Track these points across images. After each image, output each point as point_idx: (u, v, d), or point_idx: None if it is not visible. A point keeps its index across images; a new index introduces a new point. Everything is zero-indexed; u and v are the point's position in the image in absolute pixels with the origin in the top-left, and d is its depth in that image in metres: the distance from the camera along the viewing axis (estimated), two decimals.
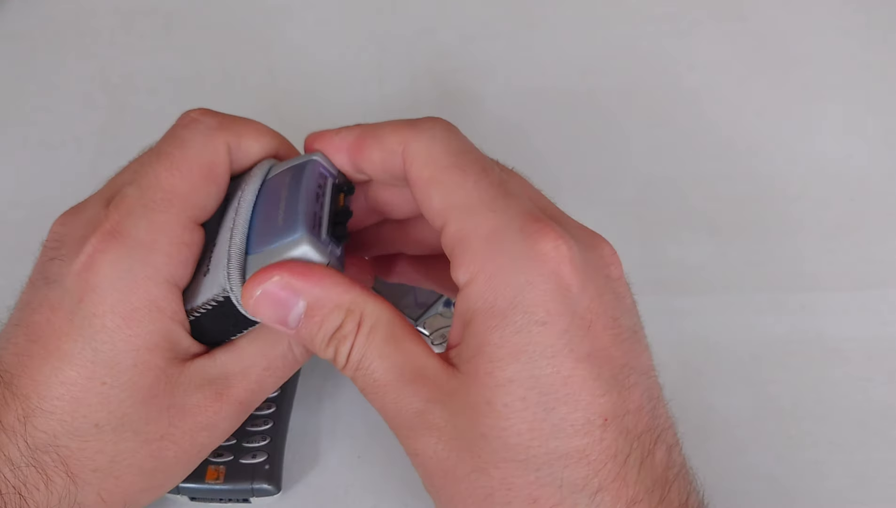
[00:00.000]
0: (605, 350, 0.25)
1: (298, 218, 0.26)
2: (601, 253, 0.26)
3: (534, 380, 0.24)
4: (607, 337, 0.25)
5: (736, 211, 0.44)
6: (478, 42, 0.51)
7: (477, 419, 0.24)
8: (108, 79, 0.49)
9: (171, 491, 0.34)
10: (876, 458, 0.36)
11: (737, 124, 0.47)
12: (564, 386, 0.24)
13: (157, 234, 0.26)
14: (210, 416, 0.27)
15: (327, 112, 0.48)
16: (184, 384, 0.27)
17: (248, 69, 0.50)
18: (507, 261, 0.25)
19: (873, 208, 0.44)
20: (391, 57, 0.50)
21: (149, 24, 0.52)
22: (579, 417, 0.24)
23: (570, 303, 0.24)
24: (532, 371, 0.24)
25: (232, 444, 0.35)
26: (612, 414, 0.24)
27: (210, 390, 0.27)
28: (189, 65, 0.50)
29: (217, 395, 0.27)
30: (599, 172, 0.45)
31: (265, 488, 0.34)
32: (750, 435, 0.37)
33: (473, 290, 0.25)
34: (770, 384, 0.38)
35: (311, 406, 0.38)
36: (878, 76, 0.49)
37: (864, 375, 0.38)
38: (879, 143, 0.46)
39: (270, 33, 0.52)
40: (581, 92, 0.49)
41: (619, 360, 0.25)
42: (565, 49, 0.50)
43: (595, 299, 0.25)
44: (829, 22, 0.51)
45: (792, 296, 0.41)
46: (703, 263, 0.42)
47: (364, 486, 0.36)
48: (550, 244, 0.24)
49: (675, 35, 0.51)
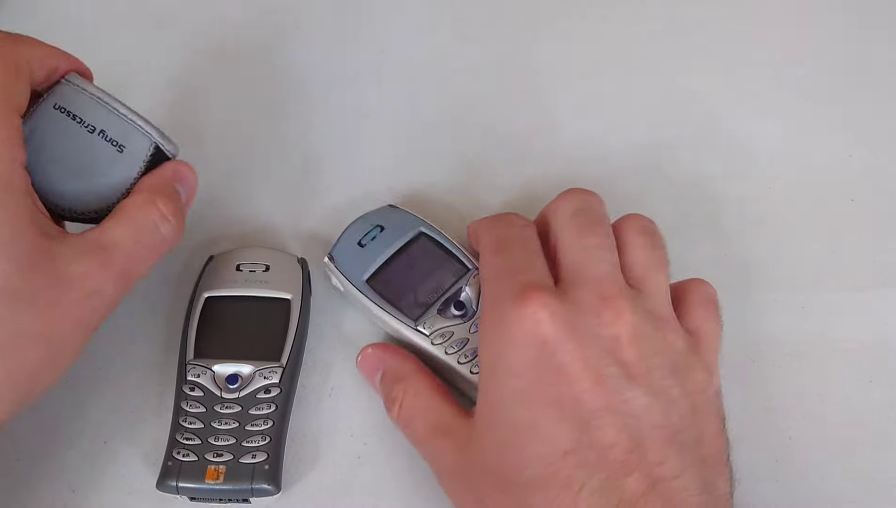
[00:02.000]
0: (575, 395, 0.29)
1: None
2: (599, 317, 0.30)
3: (511, 424, 0.30)
4: (582, 385, 0.29)
5: (736, 211, 0.44)
6: (478, 42, 0.51)
7: (479, 459, 0.31)
8: (109, 79, 0.49)
9: (171, 492, 0.34)
10: (876, 458, 0.36)
11: (737, 124, 0.47)
12: (533, 428, 0.29)
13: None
14: (96, 282, 0.30)
15: (327, 112, 0.48)
16: (66, 255, 0.30)
17: (246, 69, 0.50)
18: (498, 324, 0.31)
19: (873, 208, 0.44)
20: (391, 57, 0.50)
21: (148, 24, 0.52)
22: (543, 452, 0.29)
23: (545, 355, 0.29)
24: (509, 416, 0.30)
25: (232, 444, 0.35)
26: (571, 449, 0.28)
27: (92, 258, 0.31)
28: (186, 64, 0.50)
29: (100, 264, 0.31)
30: (600, 173, 0.45)
31: (265, 488, 0.34)
32: (750, 435, 0.37)
33: (481, 348, 0.33)
34: (770, 384, 0.38)
35: (311, 406, 0.38)
36: (878, 76, 0.49)
37: (864, 375, 0.38)
38: (879, 143, 0.46)
39: (270, 33, 0.52)
40: (580, 92, 0.49)
41: (594, 404, 0.29)
42: (565, 50, 0.50)
43: (572, 352, 0.29)
44: (830, 22, 0.51)
45: (792, 296, 0.41)
46: (703, 263, 0.42)
47: (364, 486, 0.36)
48: (532, 308, 0.30)
49: (674, 34, 0.51)
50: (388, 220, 0.40)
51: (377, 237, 0.39)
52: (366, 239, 0.39)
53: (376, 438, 0.37)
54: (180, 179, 0.35)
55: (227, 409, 0.35)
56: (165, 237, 0.34)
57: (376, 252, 0.38)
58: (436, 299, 0.37)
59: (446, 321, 0.37)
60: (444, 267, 0.38)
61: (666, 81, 0.49)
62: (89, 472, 0.36)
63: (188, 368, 0.36)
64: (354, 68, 0.50)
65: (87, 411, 0.38)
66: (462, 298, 0.37)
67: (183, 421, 0.35)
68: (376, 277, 0.38)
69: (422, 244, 0.39)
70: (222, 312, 0.38)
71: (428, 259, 0.39)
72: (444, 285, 0.38)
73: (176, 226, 0.34)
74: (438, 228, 0.40)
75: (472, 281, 0.38)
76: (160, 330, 0.40)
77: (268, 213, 0.44)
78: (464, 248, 0.39)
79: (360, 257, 0.38)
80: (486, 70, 0.50)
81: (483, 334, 0.33)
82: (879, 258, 0.42)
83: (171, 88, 0.49)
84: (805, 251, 0.42)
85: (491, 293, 0.33)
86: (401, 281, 0.38)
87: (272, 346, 0.37)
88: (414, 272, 0.38)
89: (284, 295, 0.38)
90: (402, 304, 0.37)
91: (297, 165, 0.46)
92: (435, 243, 0.39)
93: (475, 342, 0.36)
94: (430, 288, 0.38)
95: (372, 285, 0.38)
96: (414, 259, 0.39)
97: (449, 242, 0.39)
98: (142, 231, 0.33)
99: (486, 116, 0.48)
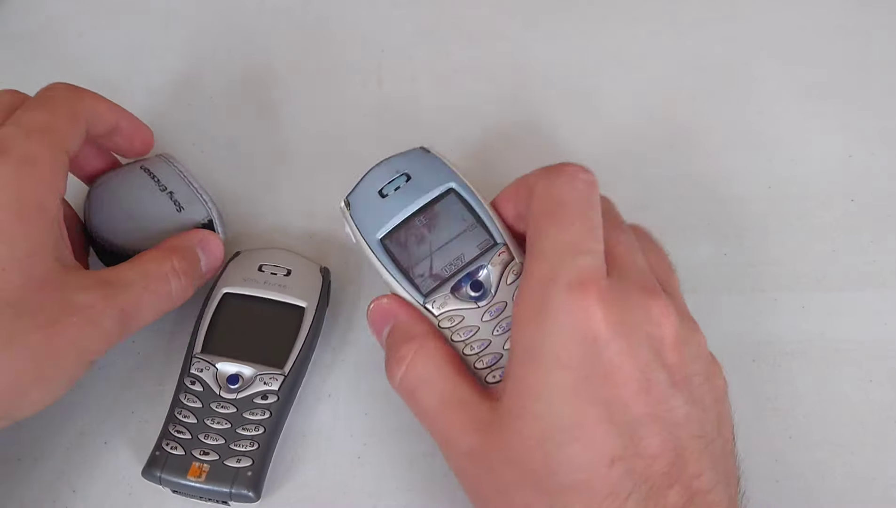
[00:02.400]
0: (623, 399, 0.27)
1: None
2: (649, 314, 0.29)
3: (553, 418, 0.28)
4: (631, 388, 0.28)
5: (736, 211, 0.44)
6: (478, 42, 0.51)
7: (505, 447, 0.28)
8: (108, 79, 0.49)
9: (154, 481, 0.34)
10: (876, 458, 0.36)
11: (737, 124, 0.47)
12: (577, 427, 0.27)
13: (39, 151, 0.31)
14: (97, 314, 0.31)
15: (327, 112, 0.48)
16: (74, 285, 0.31)
17: (246, 70, 0.50)
18: (545, 306, 0.28)
19: (873, 208, 0.44)
20: (391, 57, 0.50)
21: (148, 24, 0.52)
22: (587, 454, 0.27)
23: (595, 352, 0.28)
24: (552, 410, 0.28)
25: (220, 444, 0.35)
26: (619, 456, 0.27)
27: (98, 292, 0.32)
28: (188, 64, 0.50)
29: (104, 297, 0.32)
30: (599, 173, 0.45)
31: (245, 494, 0.34)
32: (750, 435, 0.37)
33: (517, 328, 0.30)
34: (770, 384, 0.38)
35: (311, 406, 0.38)
36: (878, 76, 0.49)
37: (864, 375, 0.38)
38: (879, 143, 0.46)
39: (270, 34, 0.52)
40: (580, 92, 0.49)
41: (640, 410, 0.27)
42: (565, 50, 0.50)
43: (623, 353, 0.28)
44: (830, 21, 0.51)
45: (792, 296, 0.41)
46: (703, 263, 0.42)
47: (364, 486, 0.36)
48: (588, 302, 0.28)
49: (674, 35, 0.51)
50: (416, 167, 0.35)
51: (401, 188, 0.35)
52: (388, 188, 0.35)
53: (376, 438, 0.37)
54: (204, 246, 0.37)
55: (223, 409, 0.35)
56: (172, 293, 0.35)
57: (397, 207, 0.34)
58: (453, 274, 0.33)
59: (459, 302, 0.33)
60: (468, 236, 0.34)
61: (666, 80, 0.49)
62: (90, 472, 0.36)
63: (193, 361, 0.36)
64: (354, 68, 0.50)
65: (87, 411, 0.38)
66: (481, 277, 0.33)
67: (178, 413, 0.35)
68: (392, 236, 0.34)
69: (449, 203, 0.35)
70: (237, 310, 0.38)
71: (453, 223, 0.34)
72: (465, 258, 0.33)
73: (185, 285, 0.35)
74: (471, 185, 0.35)
75: (496, 259, 0.33)
76: (166, 324, 0.40)
77: (277, 213, 0.44)
78: (494, 216, 0.34)
79: (379, 210, 0.34)
80: (486, 70, 0.50)
81: (523, 312, 0.29)
82: (879, 258, 0.42)
83: (171, 86, 0.49)
84: (805, 251, 0.42)
85: (541, 270, 0.30)
86: (418, 246, 0.34)
87: (278, 352, 0.37)
88: (434, 237, 0.34)
89: (300, 303, 0.38)
90: (414, 272, 0.34)
91: (298, 165, 0.46)
92: (464, 203, 0.35)
93: (486, 332, 0.32)
94: (449, 259, 0.34)
95: (385, 245, 0.34)
96: (437, 221, 0.34)
97: (480, 205, 0.34)
98: (151, 279, 0.34)
99: (486, 115, 0.48)
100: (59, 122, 0.33)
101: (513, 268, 0.33)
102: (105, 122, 0.36)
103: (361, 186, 0.35)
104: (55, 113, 0.33)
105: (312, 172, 0.46)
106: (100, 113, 0.36)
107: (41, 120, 0.33)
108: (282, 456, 0.36)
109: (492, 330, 0.33)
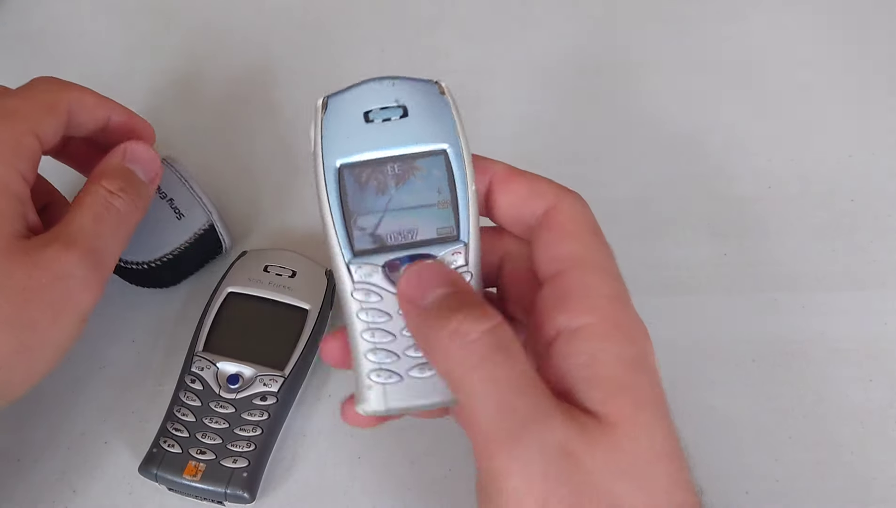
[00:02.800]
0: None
1: None
2: None
3: (667, 431, 0.26)
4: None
5: (736, 211, 0.44)
6: (478, 42, 0.51)
7: (623, 457, 0.25)
8: (109, 79, 0.49)
9: (150, 478, 0.34)
10: (876, 458, 0.36)
11: (737, 124, 0.47)
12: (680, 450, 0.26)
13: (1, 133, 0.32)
14: (64, 264, 0.31)
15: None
16: (36, 245, 0.31)
17: (247, 70, 0.50)
18: (630, 320, 0.27)
19: (873, 208, 0.44)
20: (391, 57, 0.50)
21: (149, 24, 0.52)
22: (679, 478, 0.25)
23: (658, 376, 0.27)
24: (664, 423, 0.26)
25: (217, 444, 0.35)
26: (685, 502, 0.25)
27: (58, 243, 0.31)
28: (188, 64, 0.50)
29: (65, 245, 0.31)
30: (600, 172, 0.45)
31: (239, 494, 0.34)
32: (750, 435, 0.37)
33: (597, 330, 0.26)
34: (770, 384, 0.38)
35: (311, 406, 0.38)
36: (878, 76, 0.49)
37: (864, 375, 0.38)
38: (879, 143, 0.46)
39: (270, 34, 0.52)
40: (581, 92, 0.49)
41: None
42: (565, 50, 0.50)
43: None
44: (830, 21, 0.51)
45: (792, 296, 0.41)
46: (703, 263, 0.42)
47: (364, 486, 0.36)
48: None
49: (674, 36, 0.51)
50: (419, 105, 0.29)
51: (391, 122, 0.29)
52: (377, 114, 0.29)
53: (376, 438, 0.37)
54: (132, 158, 0.36)
55: (221, 408, 0.35)
56: (120, 211, 0.34)
57: (375, 140, 0.28)
58: (395, 246, 0.28)
59: (385, 280, 0.28)
60: (433, 213, 0.28)
61: (666, 80, 0.49)
62: (90, 472, 0.36)
63: (194, 359, 0.36)
64: (354, 68, 0.50)
65: (87, 411, 0.38)
66: None
67: (177, 411, 0.35)
68: (353, 169, 0.28)
69: (433, 165, 0.29)
70: (240, 309, 0.38)
71: (425, 190, 0.28)
72: (417, 235, 0.28)
73: (130, 200, 0.34)
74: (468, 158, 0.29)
75: (448, 256, 0.28)
76: (167, 324, 0.40)
77: (279, 213, 0.44)
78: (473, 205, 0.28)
79: (354, 132, 0.28)
80: (487, 70, 0.50)
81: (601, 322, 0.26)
82: (879, 258, 0.42)
83: (171, 86, 0.49)
84: (805, 251, 0.42)
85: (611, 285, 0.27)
86: (375, 195, 0.28)
87: (279, 354, 0.37)
88: (397, 195, 0.28)
89: (303, 305, 0.38)
90: (356, 222, 0.28)
91: (298, 165, 0.46)
92: (449, 175, 0.29)
93: (395, 327, 0.28)
94: (400, 228, 0.28)
95: (341, 175, 0.28)
96: (410, 178, 0.29)
97: (465, 187, 0.28)
98: (97, 210, 0.33)
99: (486, 115, 0.48)
100: (29, 107, 0.33)
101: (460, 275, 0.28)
102: (93, 115, 0.36)
103: (350, 95, 0.29)
104: (27, 99, 0.34)
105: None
106: (86, 105, 0.36)
107: (9, 106, 0.33)
108: (282, 456, 0.36)
109: (402, 328, 0.28)
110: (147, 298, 0.41)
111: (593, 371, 0.26)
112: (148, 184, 0.36)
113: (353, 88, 0.29)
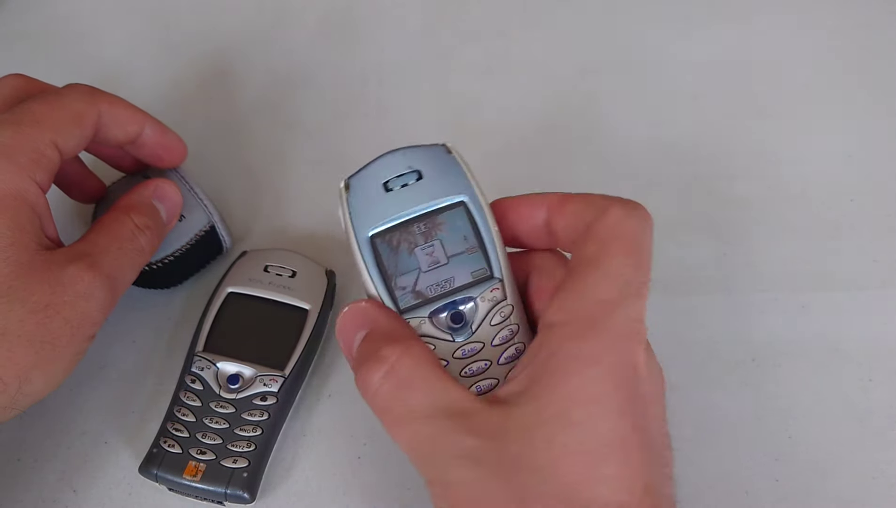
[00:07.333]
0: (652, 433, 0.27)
1: None
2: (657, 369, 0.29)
3: (596, 431, 0.26)
4: (659, 426, 0.28)
5: (736, 211, 0.44)
6: (478, 43, 0.51)
7: (531, 454, 0.26)
8: (109, 79, 0.49)
9: (150, 478, 0.34)
10: (876, 458, 0.36)
11: (737, 124, 0.47)
12: (620, 447, 0.26)
13: (22, 141, 0.32)
14: (86, 285, 0.32)
15: (328, 112, 0.48)
16: (58, 261, 0.31)
17: (247, 70, 0.50)
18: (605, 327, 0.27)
19: (873, 208, 0.44)
20: (391, 57, 0.50)
21: (149, 24, 0.52)
22: (627, 477, 0.26)
23: (637, 382, 0.27)
24: (597, 423, 0.26)
25: (217, 444, 0.35)
26: (652, 487, 0.26)
27: (81, 263, 0.32)
28: (189, 65, 0.50)
29: (88, 267, 0.32)
30: (599, 173, 0.45)
31: (240, 495, 0.34)
32: (750, 435, 0.37)
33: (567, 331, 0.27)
34: (770, 384, 0.38)
35: (311, 406, 0.38)
36: (878, 76, 0.49)
37: (864, 375, 0.38)
38: (879, 143, 0.46)
39: (270, 34, 0.52)
40: (581, 92, 0.49)
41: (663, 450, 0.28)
42: (565, 50, 0.50)
43: (652, 392, 0.28)
44: (829, 21, 0.51)
45: (792, 296, 0.41)
46: (703, 263, 0.42)
47: (364, 487, 0.36)
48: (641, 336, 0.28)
49: (674, 35, 0.51)
50: (431, 167, 0.31)
51: (409, 186, 0.31)
52: (395, 182, 0.31)
53: (376, 439, 0.37)
54: (160, 196, 0.37)
55: (221, 408, 0.35)
56: (142, 248, 0.35)
57: (398, 206, 0.30)
58: (436, 296, 0.30)
59: (434, 329, 0.30)
60: (465, 260, 0.30)
61: (666, 80, 0.49)
62: (90, 472, 0.36)
63: (194, 360, 0.36)
64: (354, 68, 0.50)
65: (87, 411, 0.38)
66: (465, 309, 0.30)
67: (177, 411, 0.35)
68: (384, 236, 0.30)
69: (455, 217, 0.30)
70: (240, 309, 0.38)
71: (453, 240, 0.30)
72: (454, 283, 0.30)
73: (151, 238, 0.36)
74: (486, 202, 0.31)
75: (487, 294, 0.30)
76: (167, 324, 0.40)
77: (280, 214, 0.44)
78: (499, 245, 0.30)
79: (378, 203, 0.30)
80: (487, 70, 0.50)
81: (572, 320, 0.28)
82: (879, 258, 0.42)
83: (172, 86, 0.49)
84: (805, 251, 0.42)
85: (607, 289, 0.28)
86: (408, 255, 0.30)
87: (279, 354, 0.37)
88: (429, 252, 0.30)
89: (304, 305, 0.38)
90: (396, 283, 0.30)
91: (299, 165, 0.46)
92: (472, 222, 0.30)
93: (453, 371, 0.29)
94: (437, 279, 0.30)
95: (374, 244, 0.30)
96: (437, 233, 0.30)
97: (488, 229, 0.30)
98: (122, 240, 0.34)
99: (486, 115, 0.48)
100: (56, 116, 0.33)
101: (501, 309, 0.30)
102: (124, 129, 0.36)
103: (367, 172, 0.31)
104: (55, 108, 0.33)
105: (313, 173, 0.46)
106: (118, 118, 0.36)
107: (36, 113, 0.33)
108: (282, 456, 0.36)
109: (459, 370, 0.29)
110: (147, 298, 0.41)
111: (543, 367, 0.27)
112: (166, 224, 0.37)
113: (369, 166, 0.31)
